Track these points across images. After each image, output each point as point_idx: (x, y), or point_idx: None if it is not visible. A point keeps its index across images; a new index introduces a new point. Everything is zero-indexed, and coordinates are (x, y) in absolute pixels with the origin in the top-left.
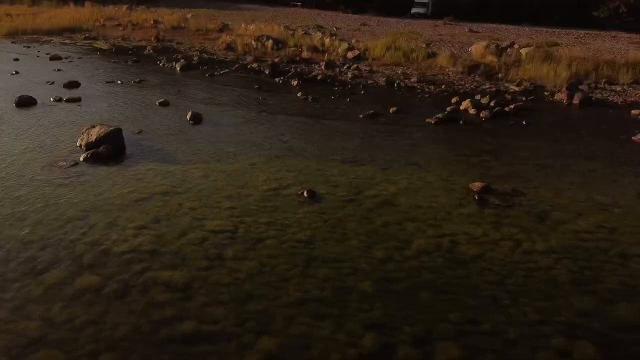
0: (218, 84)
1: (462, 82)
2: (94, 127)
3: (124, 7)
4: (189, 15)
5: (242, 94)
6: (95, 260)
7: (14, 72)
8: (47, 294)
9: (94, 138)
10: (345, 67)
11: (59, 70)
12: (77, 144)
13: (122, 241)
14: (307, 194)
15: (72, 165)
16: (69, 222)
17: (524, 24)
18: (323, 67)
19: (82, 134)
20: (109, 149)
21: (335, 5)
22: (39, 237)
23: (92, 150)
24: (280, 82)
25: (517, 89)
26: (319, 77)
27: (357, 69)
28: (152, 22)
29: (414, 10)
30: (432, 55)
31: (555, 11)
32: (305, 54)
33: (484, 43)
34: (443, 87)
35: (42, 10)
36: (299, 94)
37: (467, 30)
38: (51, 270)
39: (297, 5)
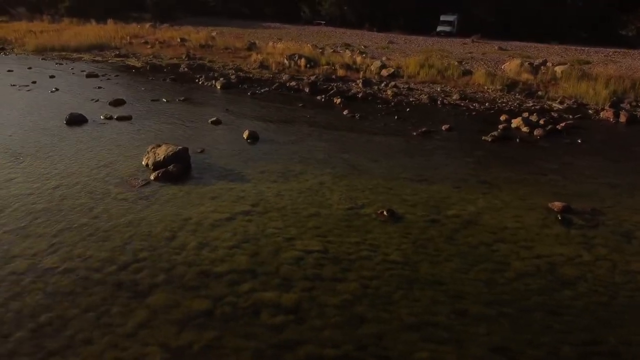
0: (262, 102)
1: (504, 100)
2: (159, 146)
3: (147, 25)
4: (214, 34)
5: (289, 112)
6: (198, 281)
7: (53, 90)
8: (156, 318)
9: (162, 157)
10: (382, 84)
11: (99, 87)
12: (143, 163)
13: (219, 261)
14: (387, 213)
15: (145, 185)
16: (160, 241)
17: (553, 42)
18: (360, 85)
19: (148, 152)
20: (179, 168)
21: (360, 23)
22: (133, 257)
23: (163, 170)
24: (323, 100)
25: (560, 106)
26: (359, 95)
27: (395, 86)
28: (178, 40)
29: (439, 28)
30: (467, 72)
31: (583, 29)
32: (340, 72)
33: (517, 61)
34: (487, 104)
35: (64, 27)
36: (344, 112)
37: (496, 48)
38: (155, 293)
39: (321, 24)
